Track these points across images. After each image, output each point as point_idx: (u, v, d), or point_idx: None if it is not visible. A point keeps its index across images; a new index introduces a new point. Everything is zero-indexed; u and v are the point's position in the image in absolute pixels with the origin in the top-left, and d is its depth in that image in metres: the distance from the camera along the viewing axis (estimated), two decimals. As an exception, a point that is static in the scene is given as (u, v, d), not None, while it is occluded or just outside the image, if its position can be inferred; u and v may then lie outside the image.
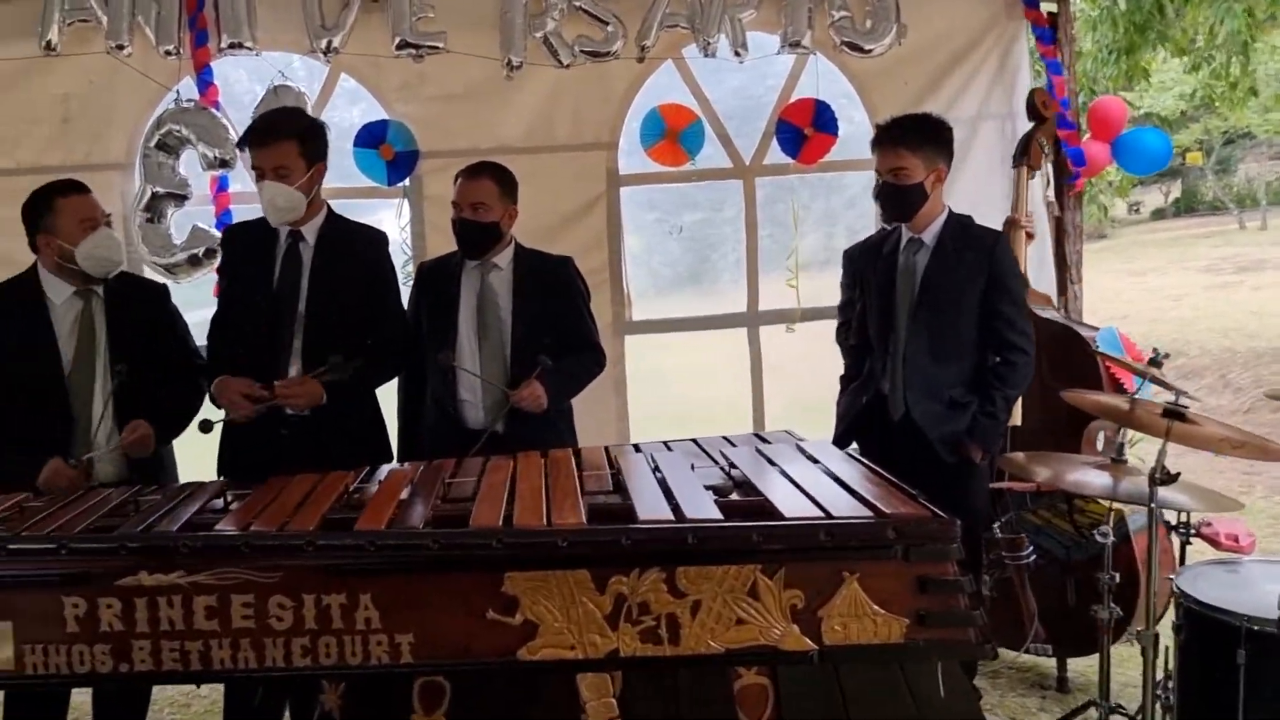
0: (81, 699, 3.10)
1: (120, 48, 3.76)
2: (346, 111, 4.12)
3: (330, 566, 2.02)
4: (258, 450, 2.85)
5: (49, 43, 3.76)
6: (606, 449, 2.75)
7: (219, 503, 2.33)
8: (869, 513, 2.05)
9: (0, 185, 3.89)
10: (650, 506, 2.11)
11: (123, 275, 3.03)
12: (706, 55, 3.94)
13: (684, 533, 1.99)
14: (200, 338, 3.16)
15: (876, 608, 1.99)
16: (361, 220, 3.24)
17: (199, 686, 2.34)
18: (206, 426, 2.88)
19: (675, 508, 2.10)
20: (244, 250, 3.00)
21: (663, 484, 2.29)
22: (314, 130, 2.98)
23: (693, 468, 2.44)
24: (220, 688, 3.26)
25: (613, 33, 3.88)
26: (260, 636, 2.04)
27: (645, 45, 3.91)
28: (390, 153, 3.96)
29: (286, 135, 2.88)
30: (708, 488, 2.26)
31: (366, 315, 2.97)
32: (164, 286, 3.22)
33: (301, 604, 2.04)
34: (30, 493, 2.51)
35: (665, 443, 2.81)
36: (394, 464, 2.77)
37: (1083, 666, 3.56)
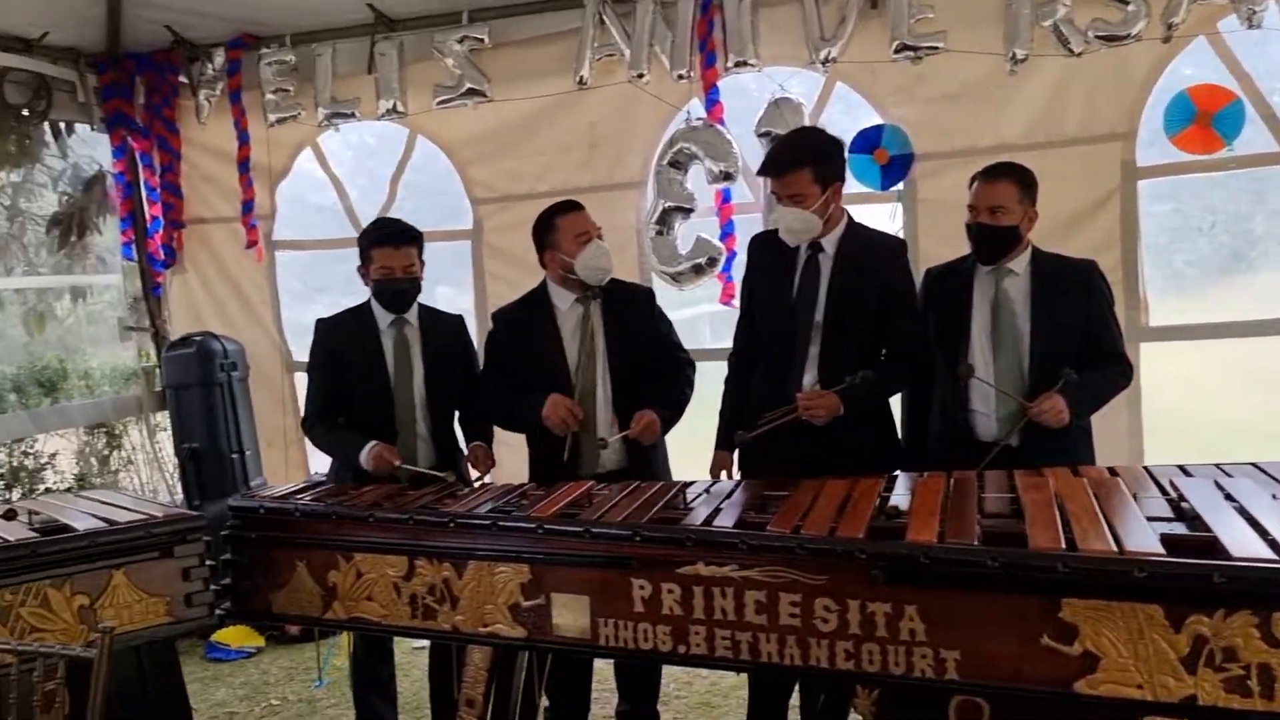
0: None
1: (640, 76, 4.14)
2: (842, 119, 4.17)
3: (878, 574, 2.03)
4: (773, 456, 2.97)
5: (581, 78, 4.23)
6: (1148, 470, 2.50)
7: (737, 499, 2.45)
8: None
9: (541, 206, 4.48)
10: (1241, 541, 1.87)
11: (614, 282, 3.33)
12: (1250, 27, 3.47)
13: (1287, 574, 1.75)
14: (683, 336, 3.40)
15: None
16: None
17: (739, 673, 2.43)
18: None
19: (1273, 544, 1.85)
20: (768, 260, 3.13)
21: (1242, 514, 2.04)
22: (828, 153, 2.99)
23: (1275, 497, 2.15)
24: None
25: (1134, 13, 3.56)
26: (805, 635, 2.12)
27: (1173, 23, 3.54)
28: (884, 157, 3.96)
29: (799, 165, 2.93)
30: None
31: (882, 323, 2.97)
32: (649, 290, 3.51)
33: (846, 608, 2.08)
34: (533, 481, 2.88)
35: (1219, 465, 2.50)
36: (915, 473, 2.74)
37: None
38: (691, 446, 3.31)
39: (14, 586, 2.46)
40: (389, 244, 3.23)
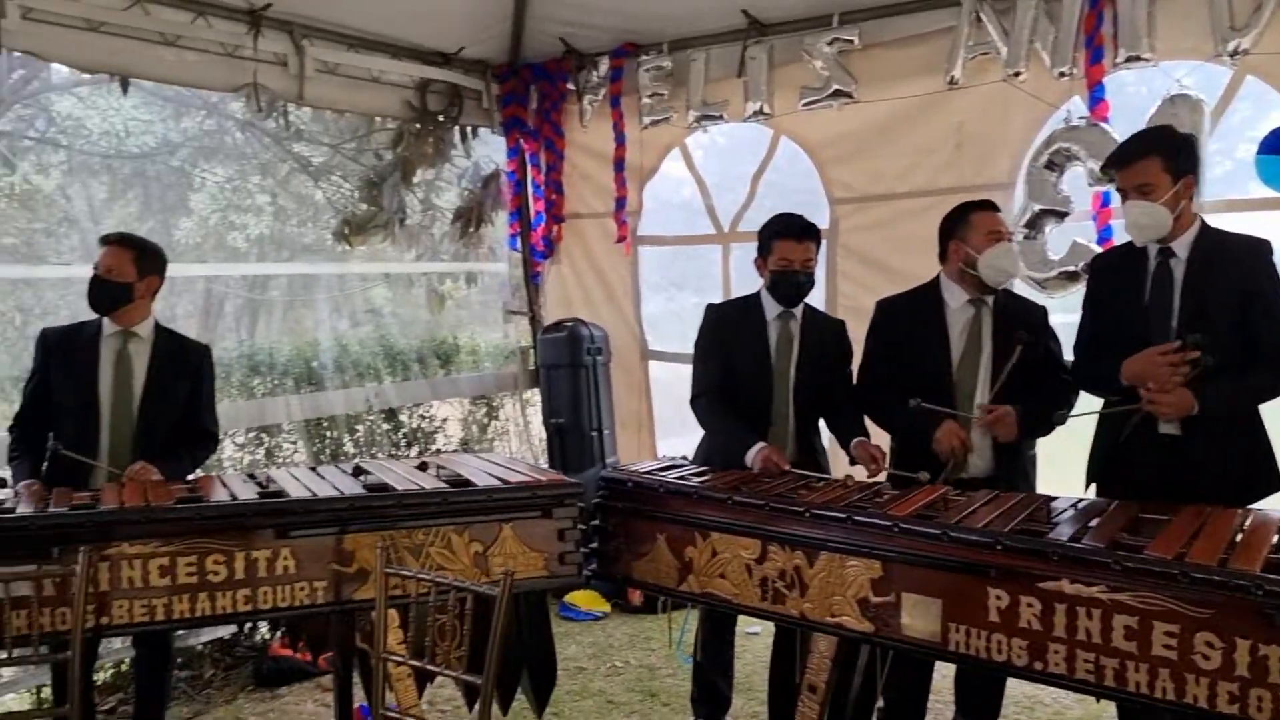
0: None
1: (1017, 74, 3.98)
2: (1251, 117, 3.78)
3: (1276, 614, 1.86)
4: (1127, 466, 2.79)
5: (952, 78, 4.15)
6: None
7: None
8: None
9: (900, 206, 4.50)
10: None
11: (1008, 295, 3.22)
12: None
13: None
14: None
15: None
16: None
17: (1098, 700, 2.31)
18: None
19: None
20: (1115, 270, 2.95)
21: None
22: (1178, 146, 2.81)
23: None
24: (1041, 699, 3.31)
25: None
26: (1181, 670, 1.99)
27: None
28: (1301, 159, 3.54)
29: (1148, 153, 2.77)
30: None
31: (1246, 328, 2.70)
32: (1044, 309, 3.33)
33: (1233, 647, 1.93)
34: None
35: None
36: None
37: None
38: (1057, 462, 3.17)
39: (426, 528, 2.85)
40: (791, 237, 3.32)
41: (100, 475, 3.16)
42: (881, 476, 3.12)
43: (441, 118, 5.31)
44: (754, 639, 4.59)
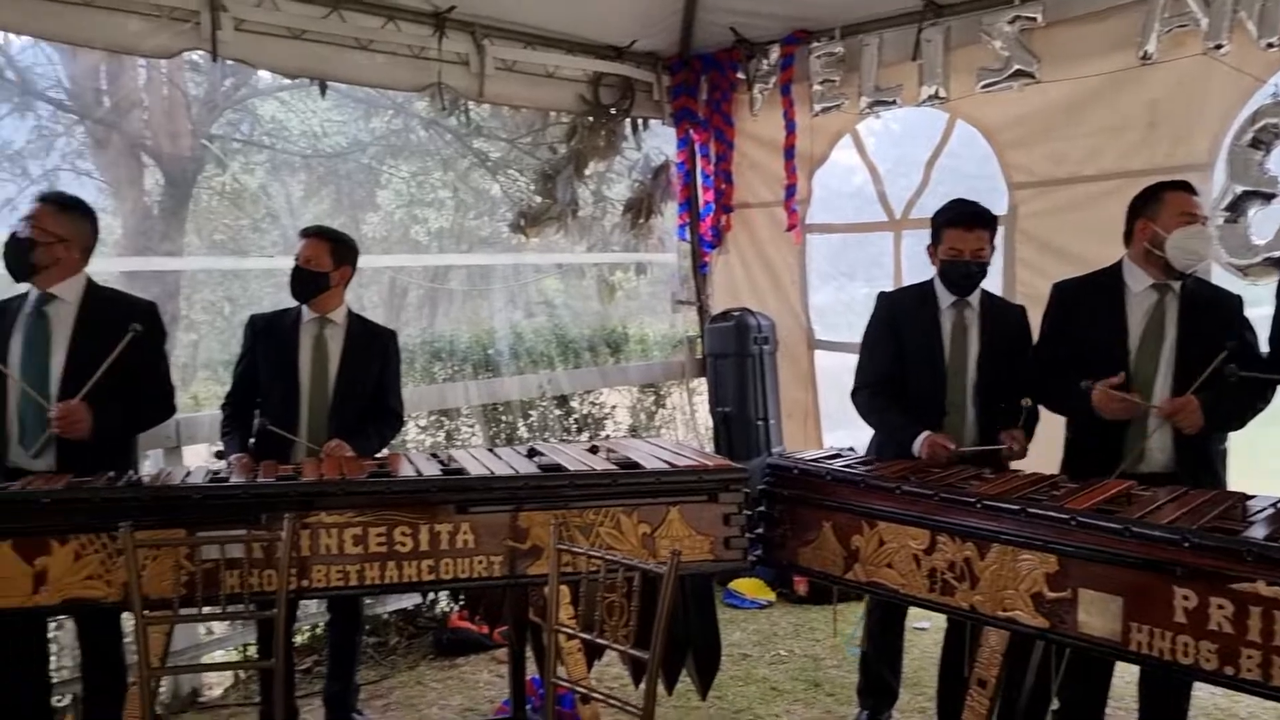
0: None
1: (1218, 47, 3.74)
2: None
3: None
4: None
5: (1145, 53, 3.93)
6: None
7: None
8: None
9: (1084, 191, 4.30)
10: None
11: (1199, 282, 3.06)
12: None
13: None
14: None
15: None
16: None
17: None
18: None
19: None
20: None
21: None
22: None
23: None
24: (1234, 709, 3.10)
25: None
26: (1394, 683, 1.85)
27: None
28: None
29: None
30: None
31: None
32: (1239, 299, 3.11)
33: None
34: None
35: None
36: None
37: None
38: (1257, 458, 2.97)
39: (596, 508, 2.95)
40: (960, 225, 3.24)
41: (300, 450, 3.41)
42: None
43: (614, 110, 5.43)
44: (922, 634, 4.50)
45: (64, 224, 3.11)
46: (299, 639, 4.44)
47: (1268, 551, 2.01)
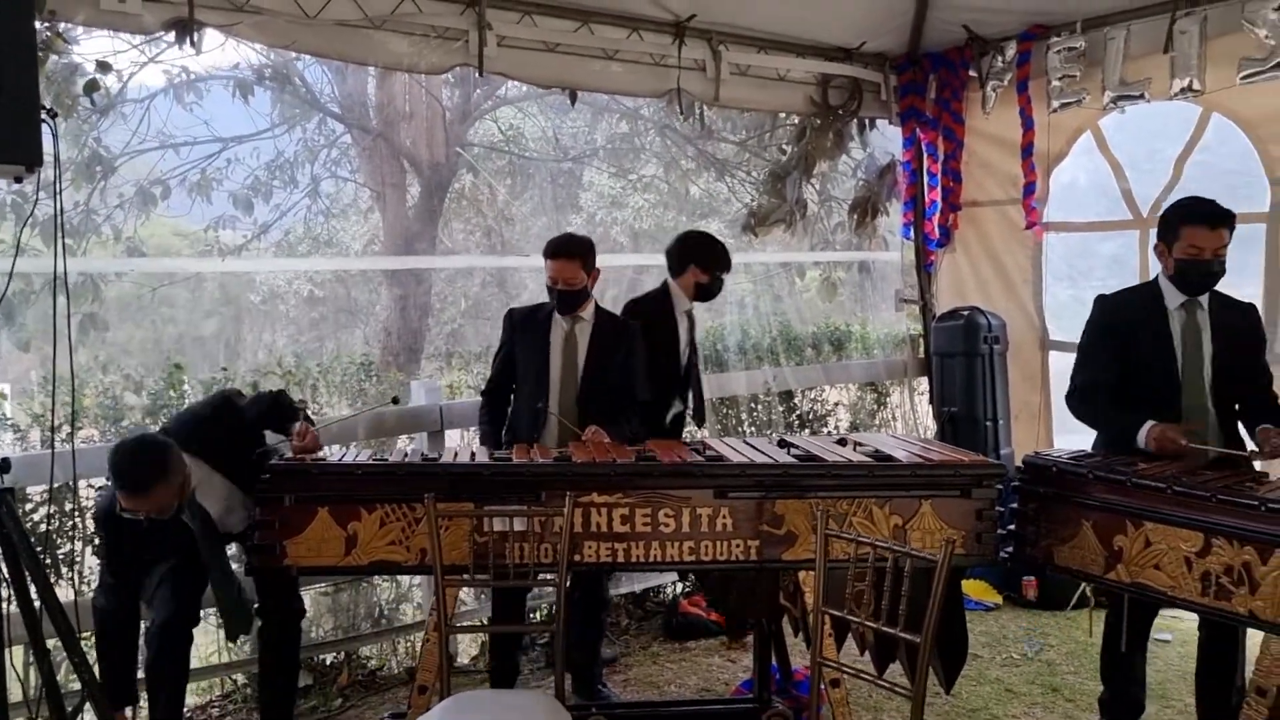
0: None
1: None
2: None
3: None
4: None
5: None
6: None
7: None
8: None
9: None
10: None
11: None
12: None
13: None
14: None
15: None
16: None
17: None
18: None
19: None
20: None
21: None
22: None
23: None
24: None
25: None
26: None
27: None
28: None
29: None
30: None
31: None
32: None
33: None
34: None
35: None
36: None
37: None
38: None
39: (850, 499, 3.05)
40: (1203, 223, 3.19)
41: (551, 434, 3.69)
42: None
43: (841, 111, 5.48)
44: (1165, 646, 4.36)
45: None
46: (537, 616, 4.73)
47: None
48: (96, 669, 2.93)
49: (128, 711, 3.14)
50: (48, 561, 3.48)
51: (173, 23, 3.61)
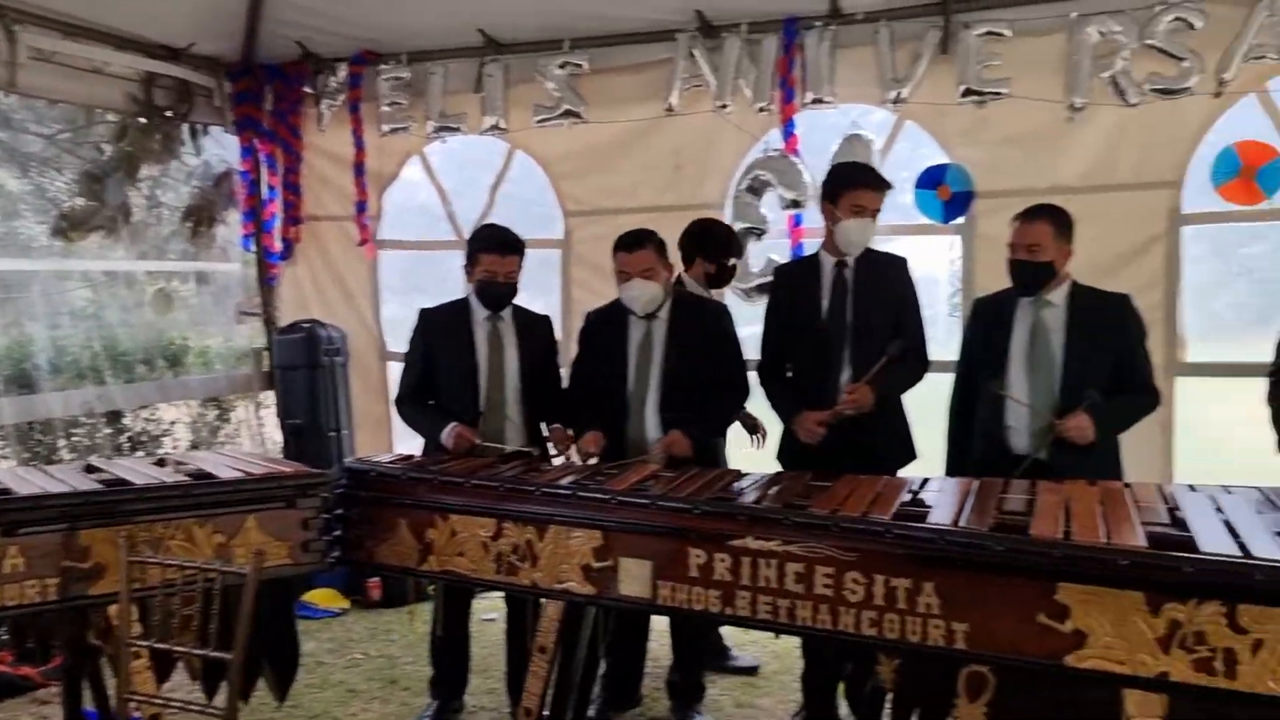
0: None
1: (723, 106, 4.50)
2: (909, 155, 4.49)
3: (902, 554, 2.36)
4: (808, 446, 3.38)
5: (670, 106, 4.61)
6: (1159, 486, 2.78)
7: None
8: None
9: (629, 221, 4.85)
10: (1213, 540, 2.16)
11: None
12: (1299, 85, 3.71)
13: (1250, 569, 2.04)
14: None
15: None
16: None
17: (777, 636, 2.78)
18: None
19: (1241, 545, 2.14)
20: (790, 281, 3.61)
21: (1226, 523, 2.32)
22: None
23: (1259, 512, 2.42)
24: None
25: (1188, 68, 3.81)
26: (836, 605, 2.46)
27: (1225, 79, 3.79)
28: (947, 193, 4.28)
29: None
30: (1277, 534, 2.25)
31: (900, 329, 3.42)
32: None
33: (873, 582, 2.41)
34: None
35: (1225, 487, 2.76)
36: (950, 477, 3.06)
37: None
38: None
39: (166, 522, 2.91)
40: (495, 251, 3.60)
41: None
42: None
43: (169, 113, 5.19)
44: (490, 625, 4.84)
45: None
46: None
47: (754, 513, 2.57)
48: None
49: None
50: None
51: None
